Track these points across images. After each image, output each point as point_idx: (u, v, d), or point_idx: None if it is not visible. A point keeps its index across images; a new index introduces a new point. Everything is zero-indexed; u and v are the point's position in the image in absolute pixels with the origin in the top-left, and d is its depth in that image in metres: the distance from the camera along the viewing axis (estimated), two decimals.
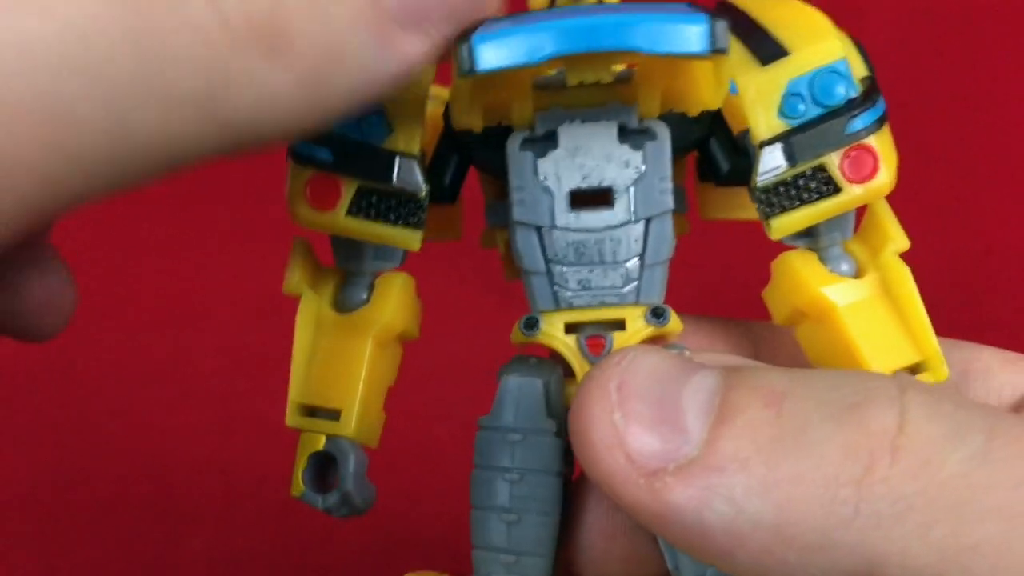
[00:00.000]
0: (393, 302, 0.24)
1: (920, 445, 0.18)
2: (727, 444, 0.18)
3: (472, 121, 0.23)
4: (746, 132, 0.23)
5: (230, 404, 0.48)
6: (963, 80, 0.53)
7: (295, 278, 0.24)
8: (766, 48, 0.23)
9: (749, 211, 0.23)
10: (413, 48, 0.18)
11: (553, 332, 0.23)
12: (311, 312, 0.24)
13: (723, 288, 0.33)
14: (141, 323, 0.53)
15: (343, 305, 0.24)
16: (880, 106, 0.22)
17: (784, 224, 0.23)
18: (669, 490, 0.18)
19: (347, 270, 0.24)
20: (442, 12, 0.19)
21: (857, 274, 0.24)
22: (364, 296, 0.24)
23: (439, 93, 0.24)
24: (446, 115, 0.24)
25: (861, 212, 0.24)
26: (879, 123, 0.22)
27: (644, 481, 0.18)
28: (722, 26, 0.19)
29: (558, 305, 0.23)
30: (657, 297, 0.23)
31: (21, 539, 0.45)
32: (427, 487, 0.28)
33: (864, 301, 0.23)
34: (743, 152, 0.23)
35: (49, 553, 0.45)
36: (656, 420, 0.19)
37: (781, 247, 0.24)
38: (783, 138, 0.22)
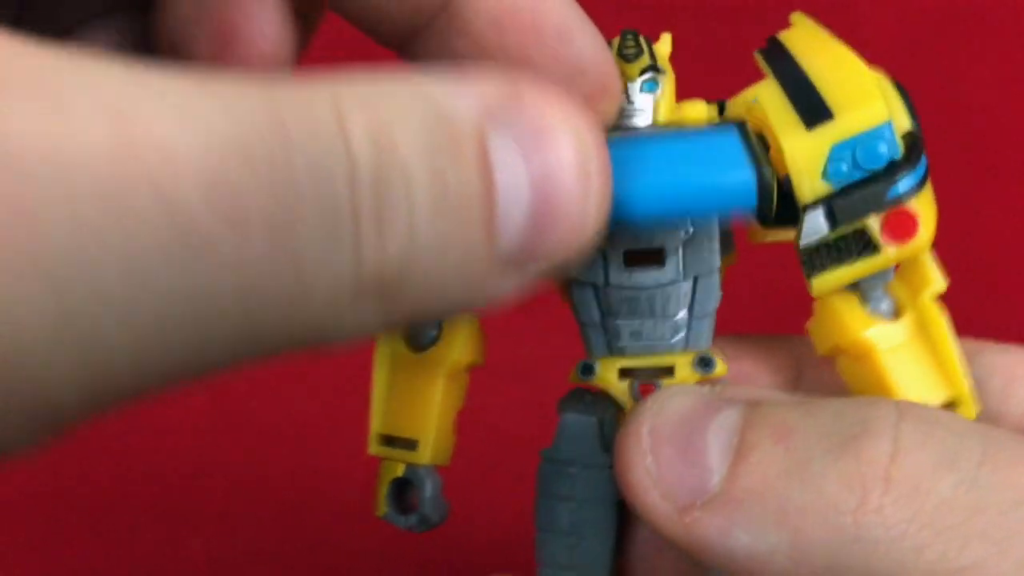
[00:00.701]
0: (461, 339, 0.26)
1: (911, 473, 0.19)
2: (744, 480, 0.20)
3: None
4: (787, 178, 0.24)
5: (230, 404, 0.48)
6: (963, 80, 0.53)
7: None
8: (812, 108, 0.23)
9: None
10: (505, 286, 0.18)
11: (608, 377, 0.25)
12: (387, 351, 0.26)
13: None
14: None
15: (415, 342, 0.26)
16: (921, 167, 0.23)
17: (824, 282, 0.24)
18: (698, 523, 0.21)
19: None
20: (549, 254, 0.18)
21: (896, 313, 0.25)
22: (433, 333, 0.26)
23: None
24: None
25: None
26: (919, 186, 0.23)
27: (677, 516, 0.21)
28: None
29: (612, 352, 0.25)
30: (705, 344, 0.25)
31: (21, 539, 0.45)
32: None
33: (904, 344, 0.24)
34: (785, 194, 0.24)
35: (49, 553, 0.45)
36: (684, 461, 0.21)
37: None
38: (826, 201, 0.23)
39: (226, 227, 0.14)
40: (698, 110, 0.25)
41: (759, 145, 0.23)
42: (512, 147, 0.16)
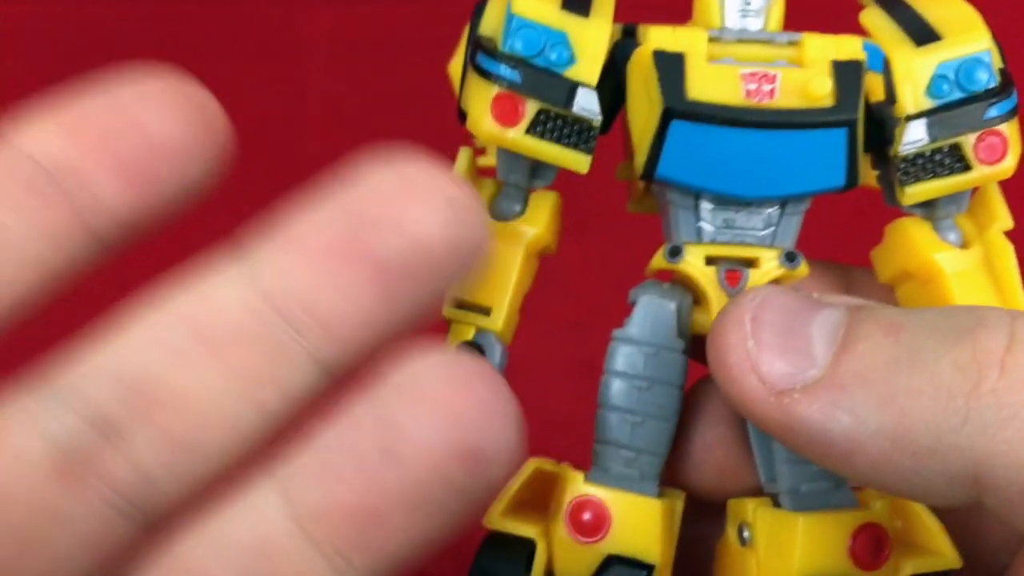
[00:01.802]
0: (545, 217, 0.26)
1: None
2: (850, 365, 0.20)
3: None
4: (882, 103, 0.25)
5: None
6: None
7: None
8: (919, 29, 0.25)
9: (868, 178, 0.26)
10: None
11: (694, 262, 0.25)
12: None
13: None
14: None
15: (498, 213, 0.26)
16: (1013, 98, 0.25)
17: (918, 192, 0.25)
18: (796, 405, 0.20)
19: (507, 182, 0.26)
20: None
21: (963, 246, 0.26)
22: (518, 208, 0.26)
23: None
24: (612, 51, 0.25)
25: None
26: (1012, 113, 0.25)
27: (775, 399, 0.20)
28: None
29: (700, 239, 0.25)
30: (790, 242, 0.25)
31: None
32: None
33: (968, 271, 0.25)
34: (876, 121, 0.25)
35: None
36: (786, 348, 0.21)
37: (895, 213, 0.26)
38: (927, 115, 0.24)
39: None
40: (856, 43, 0.25)
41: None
42: None
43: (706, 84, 0.24)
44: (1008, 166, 0.25)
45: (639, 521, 0.24)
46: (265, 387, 0.17)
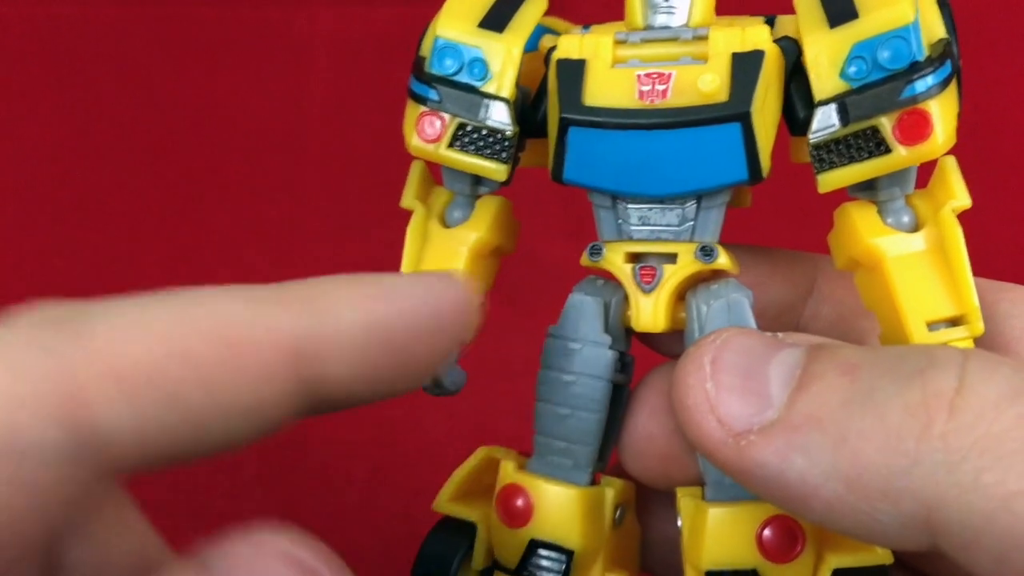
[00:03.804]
0: (488, 220, 0.27)
1: (976, 403, 0.19)
2: (804, 407, 0.20)
3: None
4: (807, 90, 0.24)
5: None
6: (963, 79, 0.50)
7: (410, 195, 0.28)
8: (839, 8, 0.24)
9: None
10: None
11: (614, 259, 0.26)
12: (420, 224, 0.27)
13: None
14: None
15: (449, 221, 0.27)
16: (944, 70, 0.23)
17: (832, 179, 0.24)
18: (753, 448, 0.20)
19: (453, 191, 0.28)
20: None
21: (916, 227, 0.25)
22: (467, 214, 0.27)
23: (546, 43, 0.27)
24: (547, 57, 0.26)
25: (930, 168, 0.25)
26: (941, 86, 0.23)
27: (732, 440, 0.21)
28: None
29: (620, 236, 0.26)
30: (711, 236, 0.25)
31: None
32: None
33: (915, 254, 0.24)
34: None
35: None
36: (744, 389, 0.21)
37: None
38: (838, 99, 0.23)
39: None
40: (761, 33, 0.24)
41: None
42: None
43: (602, 89, 0.24)
44: (936, 145, 0.23)
45: (560, 509, 0.26)
46: None
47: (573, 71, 0.25)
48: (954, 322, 0.24)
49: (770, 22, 0.26)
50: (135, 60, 0.56)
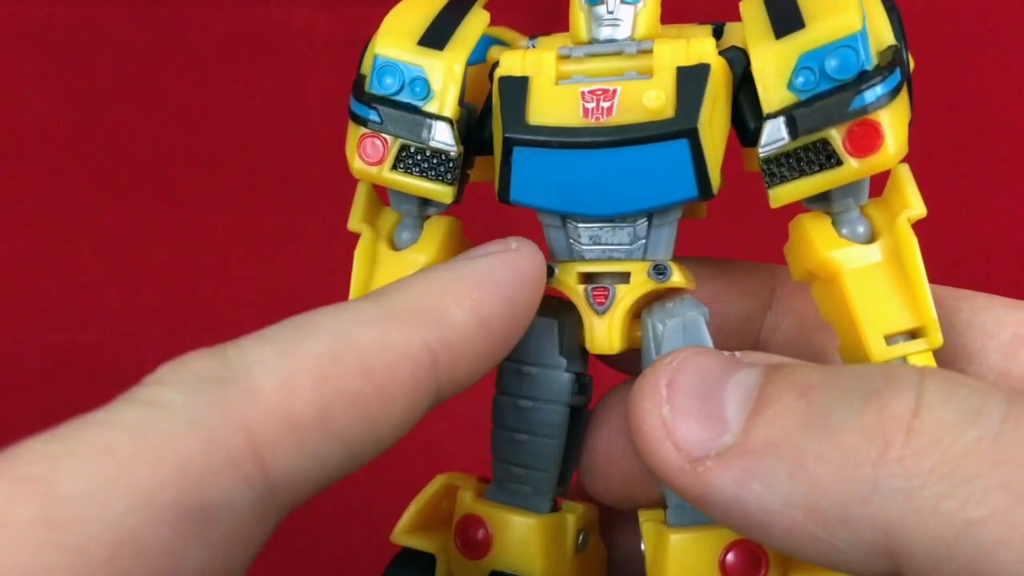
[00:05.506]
0: (438, 242, 0.26)
1: (933, 426, 0.18)
2: (760, 431, 0.20)
3: None
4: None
5: None
6: (962, 78, 0.52)
7: (356, 218, 0.27)
8: (785, 18, 0.23)
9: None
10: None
11: (566, 280, 0.25)
12: (368, 248, 0.26)
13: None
14: (142, 321, 0.55)
15: (398, 243, 0.27)
16: (894, 78, 0.22)
17: (783, 193, 0.23)
18: (710, 474, 0.20)
19: (400, 212, 0.27)
20: None
21: (872, 237, 0.24)
22: (415, 235, 0.27)
23: (493, 55, 0.26)
24: (491, 73, 0.25)
25: (884, 177, 0.24)
26: (891, 95, 0.22)
27: (689, 467, 0.20)
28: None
29: (572, 257, 0.25)
30: (664, 254, 0.25)
31: None
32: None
33: (871, 266, 0.24)
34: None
35: None
36: (701, 413, 0.20)
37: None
38: (786, 112, 0.23)
39: None
40: (706, 45, 0.24)
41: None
42: None
43: (546, 107, 0.24)
44: (887, 155, 0.22)
45: (520, 539, 0.25)
46: None
47: (516, 89, 0.24)
48: (913, 334, 0.24)
49: (719, 30, 0.25)
50: (135, 60, 0.55)
